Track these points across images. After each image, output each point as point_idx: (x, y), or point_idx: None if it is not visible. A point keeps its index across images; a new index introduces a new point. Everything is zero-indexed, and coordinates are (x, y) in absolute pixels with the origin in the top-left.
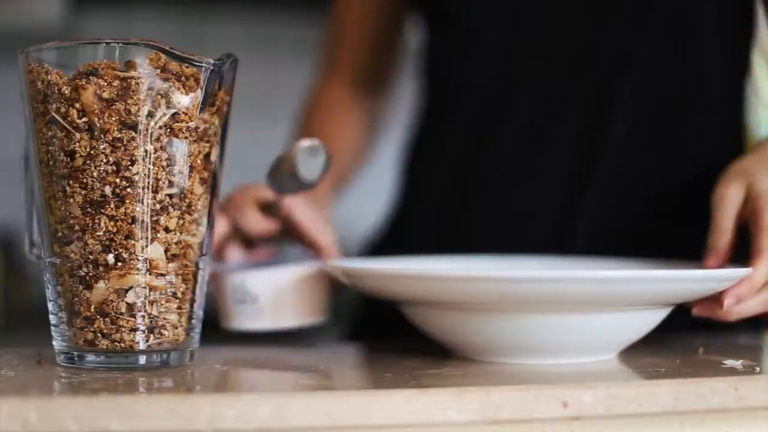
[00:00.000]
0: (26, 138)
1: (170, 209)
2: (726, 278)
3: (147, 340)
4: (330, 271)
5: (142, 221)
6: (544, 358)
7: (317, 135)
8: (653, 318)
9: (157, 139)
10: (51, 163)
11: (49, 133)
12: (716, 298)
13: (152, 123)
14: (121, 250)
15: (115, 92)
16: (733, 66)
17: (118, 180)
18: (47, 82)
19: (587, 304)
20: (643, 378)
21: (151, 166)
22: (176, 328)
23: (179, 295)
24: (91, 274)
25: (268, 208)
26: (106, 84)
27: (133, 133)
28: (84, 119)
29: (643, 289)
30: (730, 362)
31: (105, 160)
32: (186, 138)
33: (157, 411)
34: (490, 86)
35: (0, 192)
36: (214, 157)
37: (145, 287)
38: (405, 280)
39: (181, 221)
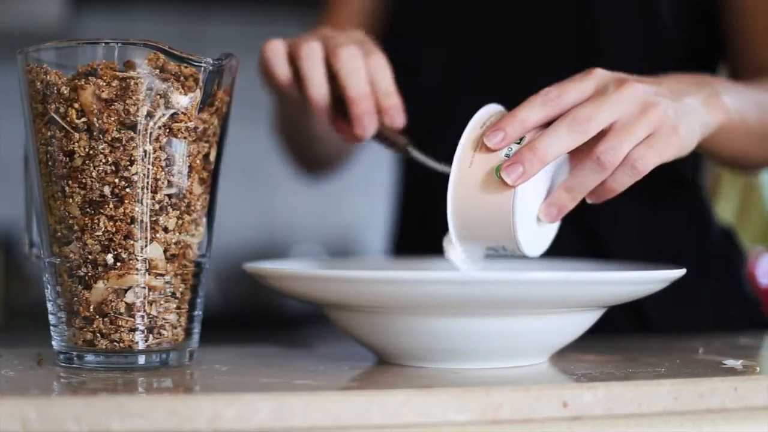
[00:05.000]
0: (26, 138)
1: (169, 209)
2: (659, 279)
3: (146, 340)
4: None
5: (141, 221)
6: (473, 362)
7: None
8: (586, 320)
9: (156, 140)
10: (50, 163)
11: (48, 133)
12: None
13: (151, 123)
14: (120, 250)
15: (114, 92)
16: None
17: (117, 180)
18: (46, 82)
19: (510, 307)
20: (643, 378)
21: (150, 167)
22: (175, 328)
23: (178, 295)
24: (90, 274)
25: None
26: (105, 84)
27: (132, 133)
28: (83, 119)
29: (570, 293)
30: (730, 362)
31: (104, 160)
32: (185, 138)
33: (156, 411)
34: (430, 119)
35: (0, 192)
36: (213, 157)
37: (144, 287)
38: (316, 283)
39: (180, 221)
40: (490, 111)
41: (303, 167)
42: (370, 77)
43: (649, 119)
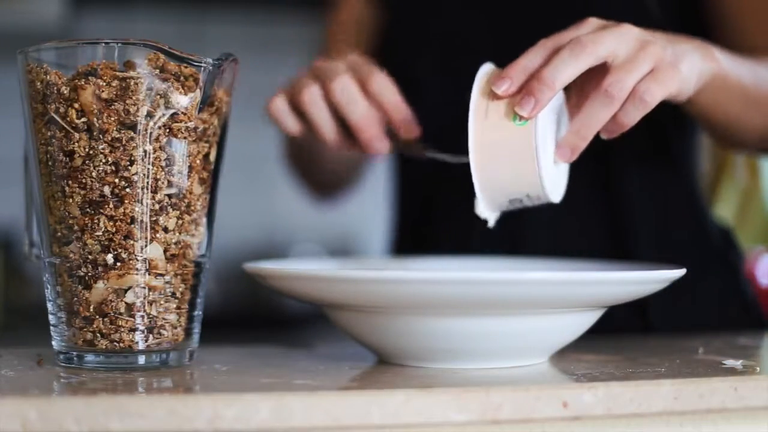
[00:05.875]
0: (26, 138)
1: (169, 209)
2: (659, 279)
3: (146, 340)
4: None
5: (141, 221)
6: (473, 362)
7: None
8: (586, 320)
9: (156, 140)
10: (50, 163)
11: (48, 133)
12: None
13: (151, 123)
14: (120, 250)
15: (114, 92)
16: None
17: (117, 180)
18: (46, 82)
19: (510, 307)
20: (643, 378)
21: (150, 167)
22: (175, 328)
23: (178, 295)
24: (90, 274)
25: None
26: (105, 84)
27: (132, 133)
28: (83, 119)
29: (570, 293)
30: (730, 362)
31: (104, 160)
32: (185, 138)
33: (156, 411)
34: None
35: (0, 192)
36: (213, 157)
37: (144, 287)
38: (316, 283)
39: (180, 221)
40: (490, 68)
41: (315, 193)
42: (376, 96)
43: (648, 54)
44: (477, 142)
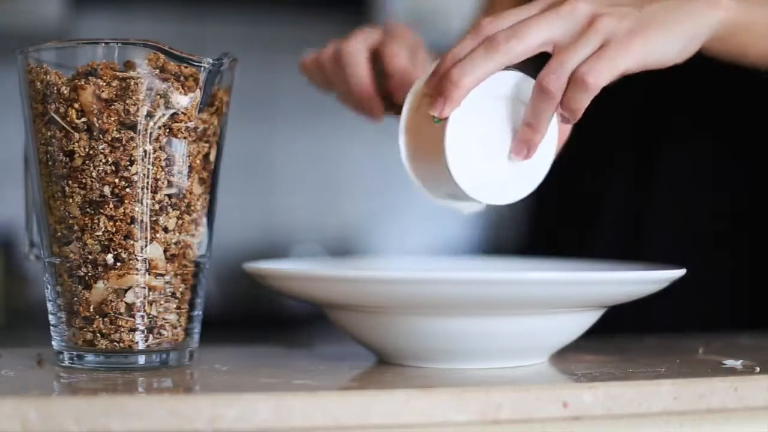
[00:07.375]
0: (26, 138)
1: (169, 209)
2: (658, 280)
3: (146, 340)
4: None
5: (141, 221)
6: (473, 362)
7: None
8: (586, 320)
9: (156, 140)
10: (50, 163)
11: (48, 133)
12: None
13: (151, 123)
14: (120, 250)
15: (114, 92)
16: None
17: (117, 180)
18: (46, 82)
19: (510, 307)
20: (643, 378)
21: (150, 167)
22: (175, 328)
23: (178, 295)
24: (90, 274)
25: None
26: (105, 84)
27: (132, 133)
28: (83, 119)
29: (570, 293)
30: (730, 362)
31: (104, 161)
32: (185, 138)
33: (157, 411)
34: None
35: (0, 192)
36: (213, 157)
37: (144, 287)
38: (316, 283)
39: (180, 221)
40: None
41: None
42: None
43: (594, 31)
44: (403, 137)
